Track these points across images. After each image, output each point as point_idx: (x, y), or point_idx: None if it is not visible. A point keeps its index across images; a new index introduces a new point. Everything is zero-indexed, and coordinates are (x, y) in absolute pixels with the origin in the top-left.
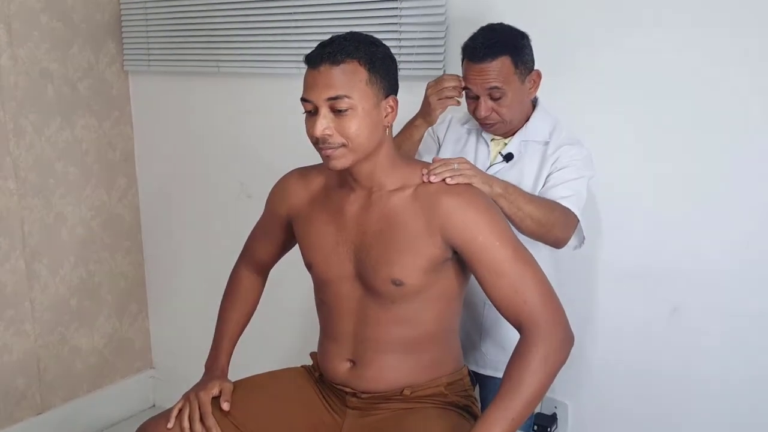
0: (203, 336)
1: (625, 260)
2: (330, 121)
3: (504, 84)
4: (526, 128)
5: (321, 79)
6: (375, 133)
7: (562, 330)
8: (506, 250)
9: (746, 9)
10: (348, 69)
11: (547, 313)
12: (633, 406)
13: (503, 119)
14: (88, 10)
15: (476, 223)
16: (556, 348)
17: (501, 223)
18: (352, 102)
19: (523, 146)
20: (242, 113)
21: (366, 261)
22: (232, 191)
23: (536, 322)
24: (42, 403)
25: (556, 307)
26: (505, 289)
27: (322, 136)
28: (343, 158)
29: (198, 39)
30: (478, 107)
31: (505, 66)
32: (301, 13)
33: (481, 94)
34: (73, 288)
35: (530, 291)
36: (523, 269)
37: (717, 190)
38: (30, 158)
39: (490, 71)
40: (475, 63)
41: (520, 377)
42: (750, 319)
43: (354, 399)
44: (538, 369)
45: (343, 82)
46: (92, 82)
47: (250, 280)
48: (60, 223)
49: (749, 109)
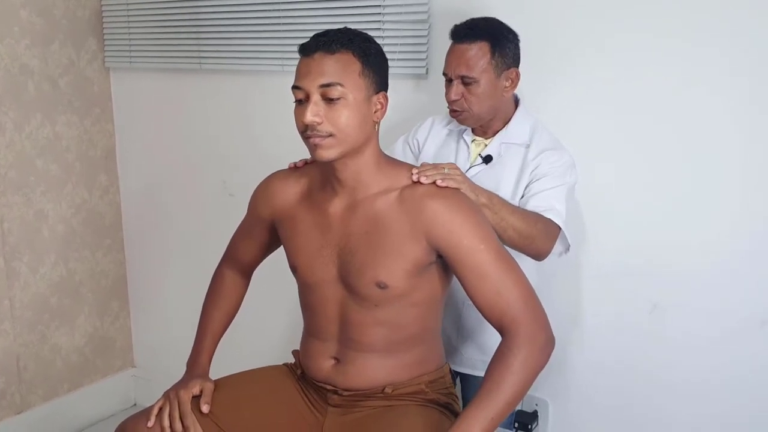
0: (185, 335)
1: (606, 260)
2: (321, 108)
3: (477, 71)
4: (507, 130)
5: (315, 67)
6: (364, 126)
7: (543, 333)
8: (490, 254)
9: (732, 12)
10: (342, 58)
11: (529, 316)
12: (614, 404)
13: (471, 109)
14: (69, 5)
15: (461, 226)
16: (537, 350)
17: (485, 228)
18: (344, 91)
19: (503, 148)
20: (224, 110)
21: (350, 264)
22: (214, 189)
23: (518, 324)
24: (22, 402)
25: (538, 310)
26: (488, 292)
27: (311, 122)
28: (331, 149)
29: (180, 36)
30: (449, 90)
31: (481, 51)
32: (283, 10)
33: (454, 77)
34: (54, 286)
35: (513, 294)
36: (506, 273)
37: (697, 191)
38: (10, 155)
39: (466, 53)
40: (455, 43)
41: (501, 377)
42: (730, 316)
43: (335, 396)
44: (519, 370)
45: (336, 70)
46: (73, 78)
47: (233, 280)
48: (40, 221)
49: (729, 112)
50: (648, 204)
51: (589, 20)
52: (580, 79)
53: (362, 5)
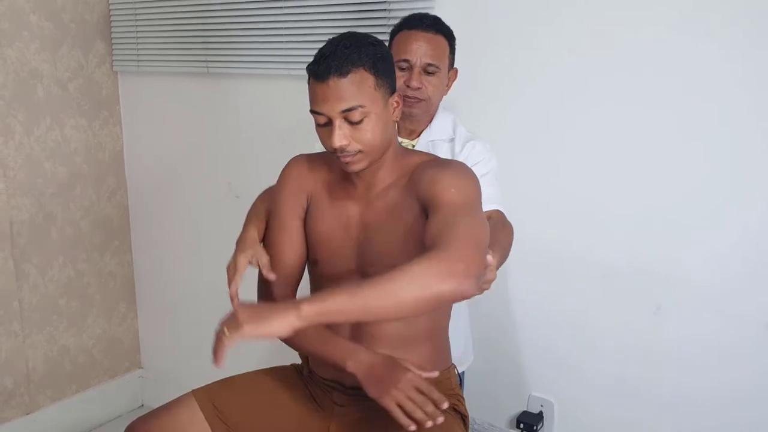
0: (192, 336)
1: (612, 261)
2: (346, 130)
3: (440, 62)
4: (431, 128)
5: (331, 93)
6: (387, 132)
7: (463, 264)
8: (459, 197)
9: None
10: (356, 79)
11: (459, 247)
12: (619, 405)
13: (429, 98)
14: (78, 10)
15: (444, 175)
16: (445, 271)
17: (469, 185)
18: (365, 110)
19: (431, 146)
20: (231, 113)
21: (369, 255)
22: (221, 191)
23: (446, 247)
24: (30, 403)
25: (474, 254)
26: (437, 223)
27: (341, 146)
28: (360, 162)
29: (187, 39)
30: (411, 78)
31: (443, 44)
32: (290, 14)
33: (419, 63)
34: (62, 288)
35: (457, 232)
36: (464, 216)
37: (702, 192)
38: (19, 158)
39: (433, 42)
40: (419, 30)
41: (394, 274)
42: (734, 318)
43: (342, 396)
44: (412, 276)
45: (353, 93)
46: (82, 82)
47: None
48: (49, 223)
49: (733, 114)
50: (654, 206)
51: (590, 19)
52: (587, 72)
53: (369, 9)
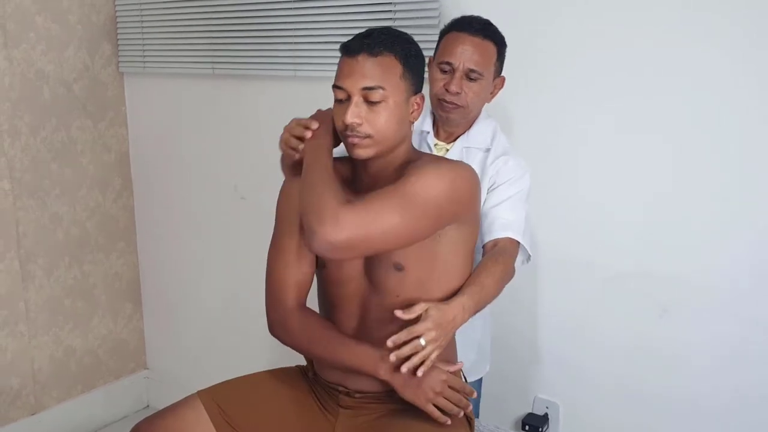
0: (197, 337)
1: (617, 264)
2: (361, 110)
3: (485, 68)
4: (468, 135)
5: (358, 68)
6: (401, 127)
7: (337, 230)
8: (405, 186)
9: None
10: (384, 61)
11: (347, 217)
12: (624, 407)
13: (468, 105)
14: (84, 11)
15: (421, 169)
16: (321, 230)
17: (428, 186)
18: (386, 93)
19: (465, 153)
20: (237, 115)
21: (374, 257)
22: (226, 193)
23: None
24: (36, 403)
25: (358, 226)
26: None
27: (352, 123)
28: (368, 148)
29: (193, 41)
30: (451, 82)
31: (491, 50)
32: (296, 15)
33: (461, 68)
34: (68, 289)
35: (365, 201)
36: (387, 199)
37: (709, 196)
38: (25, 159)
39: (480, 47)
40: (467, 34)
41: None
42: (738, 320)
43: (347, 398)
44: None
45: (378, 73)
46: (87, 83)
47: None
48: (55, 224)
49: (742, 117)
50: (659, 209)
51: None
52: (591, 80)
53: (374, 11)
